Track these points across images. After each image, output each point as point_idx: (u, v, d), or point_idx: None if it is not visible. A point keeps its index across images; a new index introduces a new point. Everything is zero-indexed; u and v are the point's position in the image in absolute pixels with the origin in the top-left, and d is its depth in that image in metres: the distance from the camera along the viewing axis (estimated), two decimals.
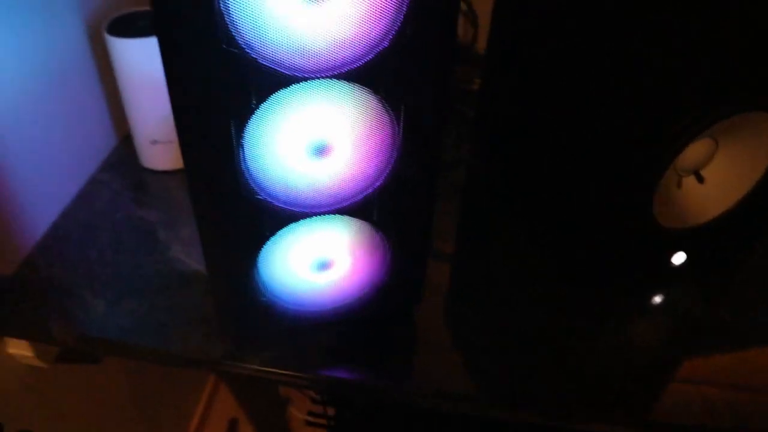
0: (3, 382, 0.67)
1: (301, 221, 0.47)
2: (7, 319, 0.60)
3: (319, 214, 0.47)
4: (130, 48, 0.69)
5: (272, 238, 0.48)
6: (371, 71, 0.40)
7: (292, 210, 0.46)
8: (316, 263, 0.52)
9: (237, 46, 0.37)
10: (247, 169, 0.43)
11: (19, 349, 0.65)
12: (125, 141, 0.82)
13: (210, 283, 0.54)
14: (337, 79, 0.40)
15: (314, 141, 0.43)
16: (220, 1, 0.35)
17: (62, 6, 0.68)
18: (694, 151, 0.59)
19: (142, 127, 0.75)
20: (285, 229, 0.48)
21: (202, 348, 0.57)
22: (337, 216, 0.48)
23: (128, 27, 0.69)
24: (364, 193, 0.47)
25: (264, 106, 0.40)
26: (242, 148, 0.42)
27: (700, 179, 0.62)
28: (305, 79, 0.39)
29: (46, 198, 0.69)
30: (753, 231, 0.67)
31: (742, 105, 0.54)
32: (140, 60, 0.69)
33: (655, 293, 0.66)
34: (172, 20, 0.36)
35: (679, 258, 0.64)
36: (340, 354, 0.57)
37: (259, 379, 0.56)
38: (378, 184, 0.47)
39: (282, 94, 0.40)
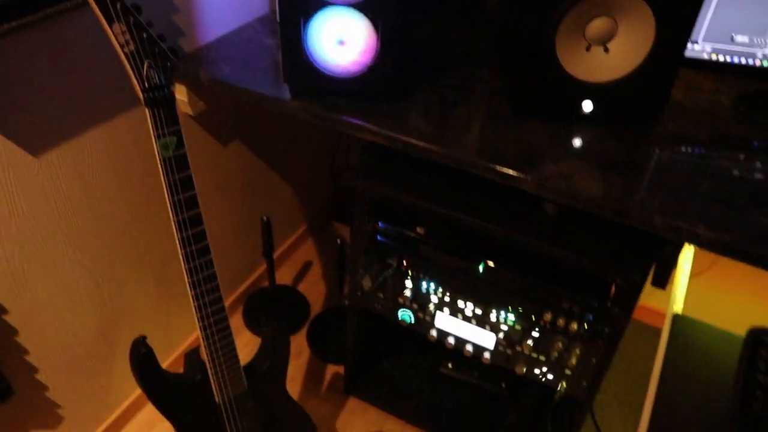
0: None
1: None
2: (180, 72, 1.08)
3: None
4: None
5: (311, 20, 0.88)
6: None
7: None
8: (337, 40, 0.91)
9: None
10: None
11: (180, 95, 1.12)
12: (275, 12, 1.28)
13: (280, 47, 0.95)
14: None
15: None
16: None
17: None
18: (595, 26, 0.88)
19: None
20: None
21: (276, 90, 0.99)
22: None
23: None
24: None
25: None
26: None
27: (606, 50, 0.90)
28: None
29: (221, 23, 1.17)
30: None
31: None
32: None
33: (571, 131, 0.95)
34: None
35: (587, 106, 0.93)
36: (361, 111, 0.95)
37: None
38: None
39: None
